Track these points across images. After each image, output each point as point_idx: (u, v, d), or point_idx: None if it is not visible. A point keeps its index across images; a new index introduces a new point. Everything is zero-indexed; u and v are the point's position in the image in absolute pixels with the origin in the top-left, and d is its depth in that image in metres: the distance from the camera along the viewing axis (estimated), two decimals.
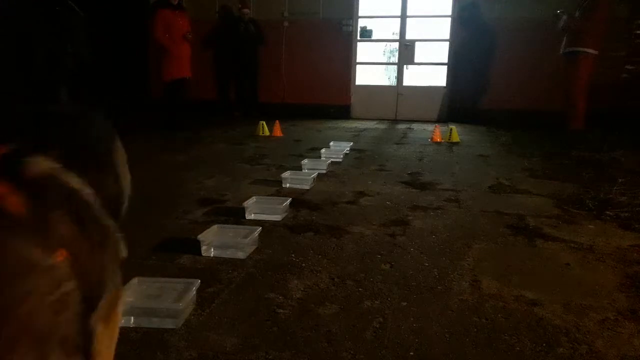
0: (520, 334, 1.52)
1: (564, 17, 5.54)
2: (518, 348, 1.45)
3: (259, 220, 2.61)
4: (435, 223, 2.63)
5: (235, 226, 2.40)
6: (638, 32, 6.71)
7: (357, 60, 8.69)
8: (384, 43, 8.97)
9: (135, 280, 1.68)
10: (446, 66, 8.31)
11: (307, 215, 2.75)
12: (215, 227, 2.29)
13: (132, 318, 1.54)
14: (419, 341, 1.48)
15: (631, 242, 2.36)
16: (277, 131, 6.14)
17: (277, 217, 2.66)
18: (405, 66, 8.51)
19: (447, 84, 8.33)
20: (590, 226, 2.61)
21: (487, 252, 2.24)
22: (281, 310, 1.65)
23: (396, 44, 8.60)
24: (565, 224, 2.65)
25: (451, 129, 5.85)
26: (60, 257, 0.59)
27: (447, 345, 1.46)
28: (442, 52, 8.37)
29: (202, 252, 2.12)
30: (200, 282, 1.69)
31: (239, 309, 1.67)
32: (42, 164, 0.64)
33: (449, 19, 8.15)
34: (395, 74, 8.67)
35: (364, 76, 8.82)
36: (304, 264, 2.05)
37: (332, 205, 2.97)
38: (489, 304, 1.72)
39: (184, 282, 1.70)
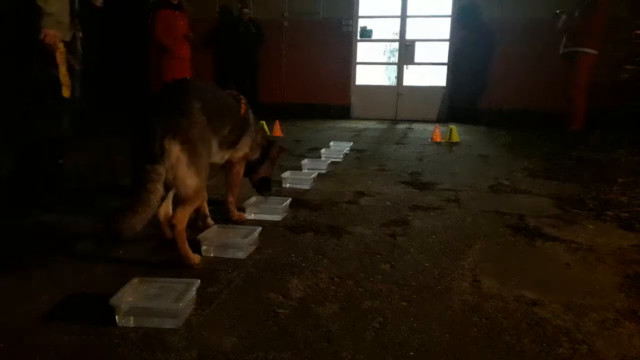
0: (520, 334, 1.52)
1: (564, 17, 5.53)
2: (518, 348, 1.45)
3: (259, 220, 2.61)
4: (435, 223, 2.63)
5: (235, 226, 2.40)
6: (638, 32, 6.71)
7: (357, 60, 8.68)
8: (384, 43, 8.97)
9: (135, 280, 1.68)
10: (446, 66, 8.31)
11: (307, 215, 2.75)
12: (215, 227, 2.29)
13: (132, 318, 1.54)
14: (419, 341, 1.48)
15: (631, 242, 2.37)
16: (277, 131, 6.13)
17: (277, 217, 2.66)
18: (405, 66, 8.51)
19: (447, 84, 8.33)
20: (590, 226, 2.61)
21: (487, 252, 2.24)
22: (281, 310, 1.65)
23: (396, 44, 8.60)
24: (565, 224, 2.65)
25: (451, 129, 5.85)
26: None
27: (447, 345, 1.46)
28: (442, 52, 8.36)
29: (202, 252, 2.12)
30: (200, 282, 1.69)
31: (239, 309, 1.67)
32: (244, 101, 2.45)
33: (449, 19, 8.15)
34: (395, 74, 8.67)
35: (364, 76, 8.81)
36: (304, 264, 2.05)
37: (332, 205, 2.96)
38: (489, 304, 1.72)
39: (184, 282, 1.70)
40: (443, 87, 8.37)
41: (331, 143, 5.15)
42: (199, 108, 1.97)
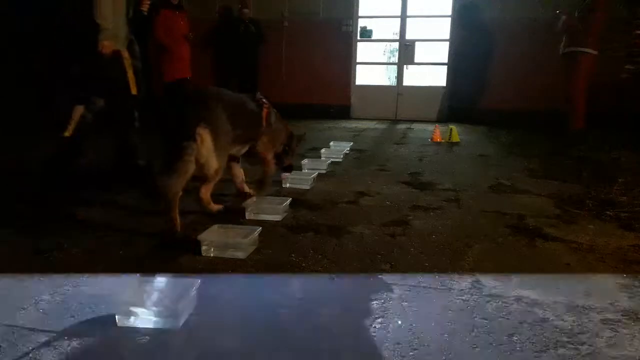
0: (520, 334, 1.52)
1: (563, 17, 5.53)
2: (518, 348, 1.45)
3: (259, 220, 2.61)
4: (435, 223, 2.63)
5: (235, 226, 2.40)
6: (638, 32, 6.71)
7: (357, 60, 8.68)
8: (384, 43, 8.97)
9: (135, 280, 1.68)
10: (446, 66, 8.30)
11: (307, 215, 2.75)
12: (215, 227, 2.29)
13: (133, 318, 1.54)
14: (419, 341, 1.48)
15: (631, 242, 2.36)
16: None
17: (277, 217, 2.66)
18: (405, 66, 8.51)
19: (447, 84, 8.32)
20: (590, 226, 2.61)
21: (487, 252, 2.24)
22: (281, 310, 1.65)
23: (396, 44, 8.60)
24: (565, 224, 2.65)
25: (451, 129, 5.85)
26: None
27: (447, 345, 1.46)
28: (442, 52, 8.36)
29: (202, 252, 2.12)
30: (200, 282, 1.69)
31: (239, 309, 1.67)
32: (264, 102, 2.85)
33: (449, 19, 8.15)
34: (395, 74, 8.67)
35: (364, 76, 8.81)
36: (304, 264, 2.05)
37: (332, 205, 2.96)
38: (489, 304, 1.72)
39: (184, 282, 1.70)
40: (443, 87, 8.37)
41: (331, 143, 5.14)
42: (221, 107, 2.46)
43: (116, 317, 1.53)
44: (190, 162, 2.29)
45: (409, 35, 8.40)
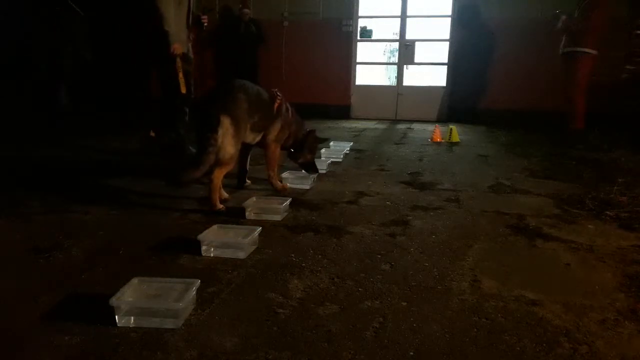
0: (520, 334, 1.52)
1: (563, 17, 5.52)
2: (518, 348, 1.45)
3: (259, 220, 2.61)
4: (435, 223, 2.63)
5: (235, 226, 2.40)
6: (638, 32, 6.70)
7: (357, 60, 8.68)
8: (384, 43, 8.97)
9: (135, 280, 1.68)
10: (446, 66, 8.31)
11: (307, 215, 2.75)
12: (215, 227, 2.29)
13: (132, 318, 1.54)
14: (419, 341, 1.48)
15: (631, 242, 2.37)
16: None
17: (277, 217, 2.66)
18: (405, 66, 8.51)
19: (447, 84, 8.32)
20: (590, 226, 2.61)
21: (487, 252, 2.24)
22: (281, 310, 1.65)
23: (396, 44, 8.60)
24: (565, 224, 2.65)
25: (451, 129, 5.85)
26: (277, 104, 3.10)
27: (447, 345, 1.46)
28: (442, 52, 8.36)
29: (202, 252, 2.12)
30: (200, 282, 1.69)
31: (239, 309, 1.67)
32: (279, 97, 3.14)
33: (449, 19, 8.15)
34: (395, 74, 8.67)
35: (364, 76, 8.81)
36: (304, 264, 2.05)
37: (332, 205, 2.96)
38: (489, 304, 1.72)
39: (184, 282, 1.70)
40: (443, 87, 8.37)
41: (331, 143, 5.14)
42: (243, 98, 2.76)
43: (116, 317, 1.53)
44: (211, 153, 2.59)
45: (409, 35, 8.40)
